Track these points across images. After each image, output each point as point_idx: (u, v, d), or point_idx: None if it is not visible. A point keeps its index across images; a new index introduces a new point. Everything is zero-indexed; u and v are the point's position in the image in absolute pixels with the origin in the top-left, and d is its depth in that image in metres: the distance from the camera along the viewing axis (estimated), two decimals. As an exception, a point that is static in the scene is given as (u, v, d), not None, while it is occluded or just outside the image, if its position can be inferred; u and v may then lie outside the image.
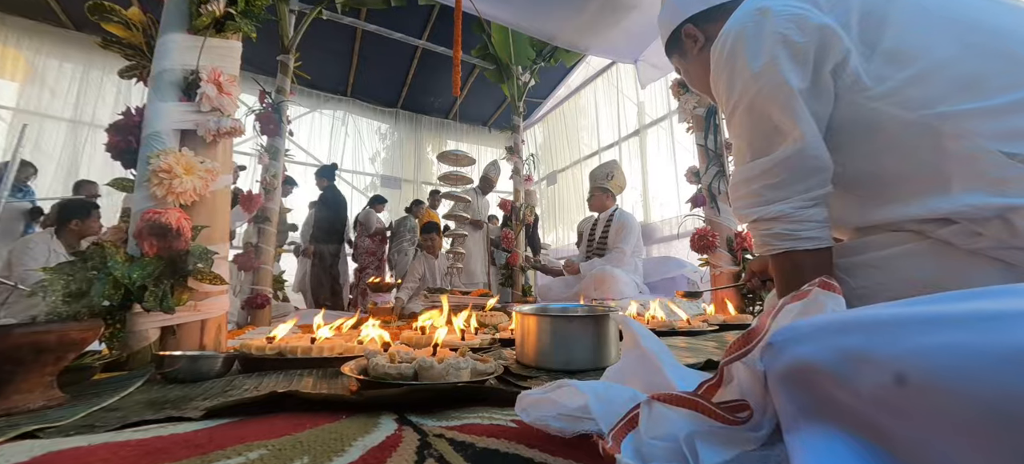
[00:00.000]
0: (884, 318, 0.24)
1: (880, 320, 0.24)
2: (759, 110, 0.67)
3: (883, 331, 0.23)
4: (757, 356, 0.30)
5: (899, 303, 0.26)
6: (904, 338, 0.23)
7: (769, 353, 0.29)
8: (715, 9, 0.88)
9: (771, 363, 0.28)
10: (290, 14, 3.25)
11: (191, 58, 1.02)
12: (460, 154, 3.05)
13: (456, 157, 3.06)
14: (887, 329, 0.23)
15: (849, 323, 0.26)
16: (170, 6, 1.02)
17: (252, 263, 2.78)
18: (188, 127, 1.01)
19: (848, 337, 0.25)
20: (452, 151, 3.06)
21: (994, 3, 0.61)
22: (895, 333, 0.23)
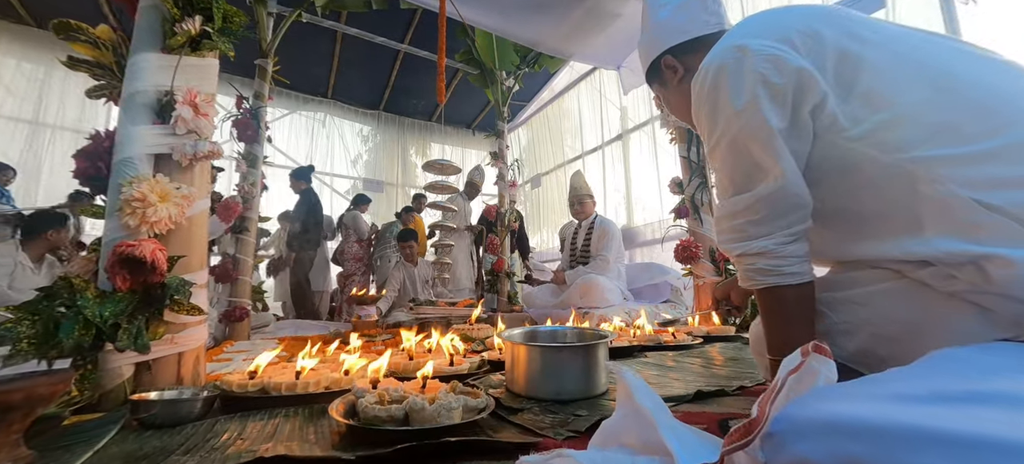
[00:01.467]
0: (886, 427, 0.25)
1: (882, 429, 0.25)
2: (741, 147, 0.69)
3: (884, 444, 0.24)
4: (758, 446, 0.31)
5: (901, 399, 0.26)
6: (903, 457, 0.23)
7: (770, 445, 0.29)
8: (694, 41, 0.90)
9: (772, 456, 0.29)
10: (268, 17, 3.16)
11: (165, 78, 0.98)
12: (445, 163, 3.02)
13: (441, 166, 3.03)
14: (888, 443, 0.24)
15: (851, 425, 0.26)
16: (142, 25, 0.98)
17: (230, 275, 2.70)
18: (162, 151, 0.96)
19: (849, 444, 0.25)
20: (438, 160, 3.03)
21: (965, 52, 0.64)
22: (895, 450, 0.23)
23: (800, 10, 0.73)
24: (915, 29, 0.70)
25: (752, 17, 0.79)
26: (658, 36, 0.93)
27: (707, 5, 0.91)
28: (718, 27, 0.90)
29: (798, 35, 0.67)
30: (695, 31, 0.90)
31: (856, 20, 0.70)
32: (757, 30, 0.71)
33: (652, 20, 0.97)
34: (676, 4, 0.93)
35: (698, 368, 1.14)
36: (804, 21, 0.69)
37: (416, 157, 7.37)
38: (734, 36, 0.73)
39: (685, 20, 0.91)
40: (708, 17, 0.90)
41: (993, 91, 0.57)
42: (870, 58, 0.63)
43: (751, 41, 0.68)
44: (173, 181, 0.96)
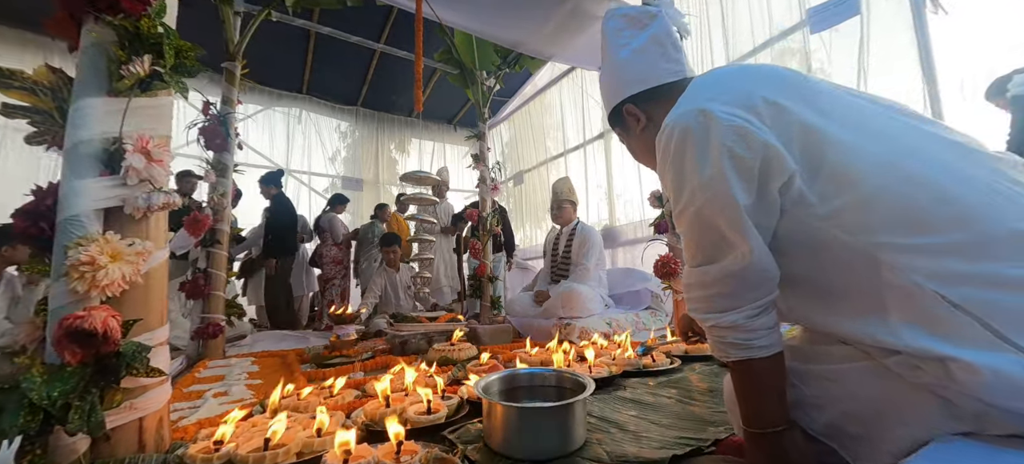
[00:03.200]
0: None
1: None
2: (707, 219, 0.68)
3: None
4: None
5: None
6: None
7: None
8: (655, 90, 0.88)
9: None
10: (235, 16, 3.02)
11: (113, 124, 0.91)
12: (423, 174, 2.97)
13: (420, 178, 2.97)
14: None
15: None
16: (85, 67, 0.90)
17: (202, 290, 2.60)
18: (112, 204, 0.90)
19: None
20: (415, 172, 2.97)
21: (932, 135, 0.64)
22: None
23: (760, 75, 0.72)
24: (871, 100, 0.70)
25: (715, 75, 0.77)
26: (618, 82, 0.92)
27: (667, 52, 0.90)
28: (679, 75, 0.88)
29: (763, 104, 0.66)
30: (655, 79, 0.88)
31: (813, 88, 0.69)
32: (722, 94, 0.69)
33: (612, 60, 0.96)
34: (635, 47, 0.91)
35: (676, 405, 1.15)
36: (767, 89, 0.68)
37: (396, 153, 7.23)
38: (698, 96, 0.72)
39: (645, 67, 0.89)
40: (668, 64, 0.89)
41: (959, 179, 0.57)
42: (834, 135, 0.63)
43: (716, 107, 0.67)
44: (126, 236, 0.91)
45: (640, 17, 0.94)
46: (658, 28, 0.91)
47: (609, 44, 0.97)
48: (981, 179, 0.57)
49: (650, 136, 0.88)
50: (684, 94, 0.76)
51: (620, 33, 0.94)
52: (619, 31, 0.95)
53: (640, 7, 0.97)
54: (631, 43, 0.91)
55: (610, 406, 1.15)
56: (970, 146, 0.62)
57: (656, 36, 0.90)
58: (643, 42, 0.90)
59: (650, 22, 0.92)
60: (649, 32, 0.91)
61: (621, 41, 0.93)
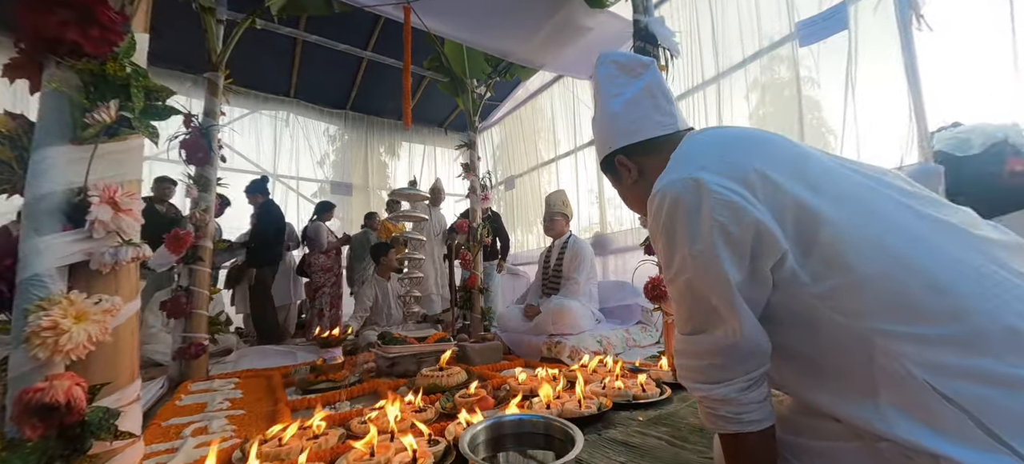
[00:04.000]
0: None
1: None
2: (697, 291, 0.67)
3: None
4: None
5: None
6: None
7: None
8: (647, 143, 0.87)
9: None
10: (218, 24, 2.93)
11: (77, 174, 0.87)
12: (413, 192, 2.92)
13: (409, 195, 2.93)
14: None
15: None
16: (46, 115, 0.85)
17: (184, 309, 2.54)
18: (77, 260, 0.86)
19: None
20: (404, 189, 2.93)
21: (925, 216, 0.62)
22: None
23: (754, 143, 0.71)
24: (863, 173, 0.68)
25: (708, 139, 0.76)
26: (611, 132, 0.91)
27: (659, 104, 0.88)
28: (672, 128, 0.87)
29: (757, 178, 0.64)
30: (647, 133, 0.87)
31: (806, 160, 0.68)
32: (714, 162, 0.67)
33: (604, 109, 0.94)
34: (628, 98, 0.90)
35: (667, 448, 1.14)
36: (761, 160, 0.66)
37: (386, 157, 7.16)
38: (690, 162, 0.70)
39: (637, 118, 0.88)
40: (661, 117, 0.88)
41: (951, 265, 0.56)
42: (828, 214, 0.61)
43: (708, 177, 0.65)
44: (93, 292, 0.86)
45: (633, 65, 0.92)
46: (651, 79, 0.89)
47: (602, 91, 0.95)
48: (973, 265, 0.56)
49: (642, 188, 0.88)
50: (676, 156, 0.75)
51: (613, 81, 0.93)
52: (612, 79, 0.93)
53: (634, 55, 0.95)
54: (624, 92, 0.90)
55: (600, 451, 1.13)
56: (962, 225, 0.61)
57: (649, 87, 0.88)
58: (636, 92, 0.89)
59: (643, 71, 0.91)
60: (642, 82, 0.89)
61: (614, 90, 0.92)
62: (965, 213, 0.64)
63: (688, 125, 0.90)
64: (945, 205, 0.65)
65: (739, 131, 0.75)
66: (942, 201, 0.66)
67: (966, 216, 0.64)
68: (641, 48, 2.26)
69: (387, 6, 2.81)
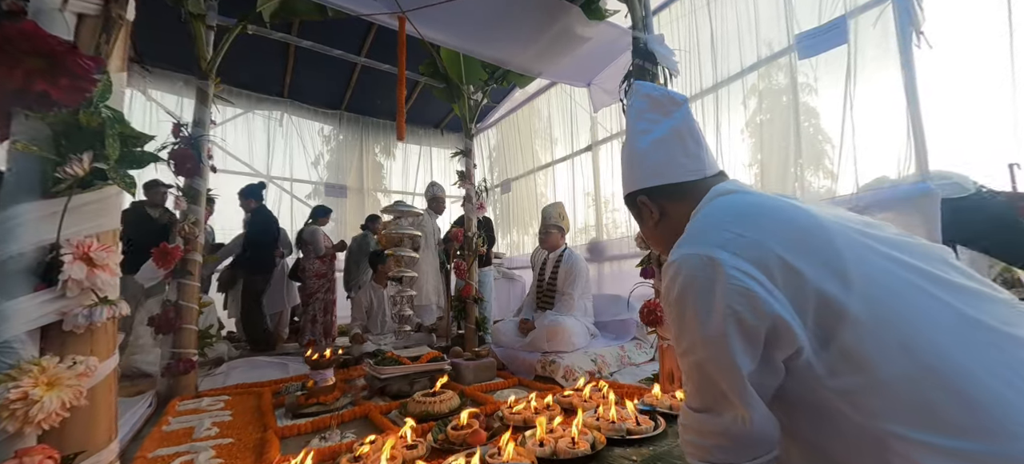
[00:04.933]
0: None
1: None
2: (707, 374, 0.65)
3: None
4: None
5: None
6: None
7: None
8: (672, 187, 0.85)
9: None
10: (208, 31, 2.86)
11: (49, 229, 0.82)
12: (405, 209, 2.89)
13: (401, 212, 2.89)
14: None
15: None
16: (14, 169, 0.81)
17: (172, 324, 2.49)
18: (50, 321, 0.82)
19: None
20: (395, 206, 2.89)
21: (968, 319, 0.57)
22: None
23: (778, 221, 0.66)
24: (901, 255, 0.63)
25: (729, 209, 0.72)
26: (636, 171, 0.90)
27: (687, 148, 0.85)
28: (698, 174, 0.84)
29: (778, 265, 0.61)
30: (673, 177, 0.85)
31: (835, 243, 0.62)
32: (733, 241, 0.64)
33: (631, 145, 0.92)
34: (656, 138, 0.87)
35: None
36: (784, 244, 0.62)
37: (381, 157, 7.09)
38: (708, 236, 0.67)
39: (663, 160, 0.86)
40: (687, 161, 0.85)
41: (983, 386, 0.52)
42: (854, 312, 0.58)
43: (725, 258, 0.62)
44: (67, 353, 0.83)
45: (665, 102, 0.89)
46: (681, 121, 0.87)
47: (631, 124, 0.94)
48: (1002, 373, 0.53)
49: (663, 231, 0.87)
50: (696, 223, 0.73)
51: (642, 115, 0.91)
52: (641, 113, 0.91)
53: (667, 91, 0.92)
54: (652, 131, 0.88)
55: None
56: (999, 325, 0.57)
57: (678, 129, 0.86)
58: (664, 133, 0.86)
59: (674, 110, 0.88)
60: (672, 123, 0.87)
61: (642, 125, 0.90)
62: (1004, 306, 0.60)
63: (717, 169, 0.87)
64: (983, 297, 0.60)
65: (764, 202, 0.70)
66: (980, 289, 0.61)
67: (1005, 311, 0.59)
68: (640, 66, 2.23)
69: (382, 15, 2.75)
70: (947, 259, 0.67)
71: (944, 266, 0.64)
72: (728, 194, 0.76)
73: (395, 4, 2.61)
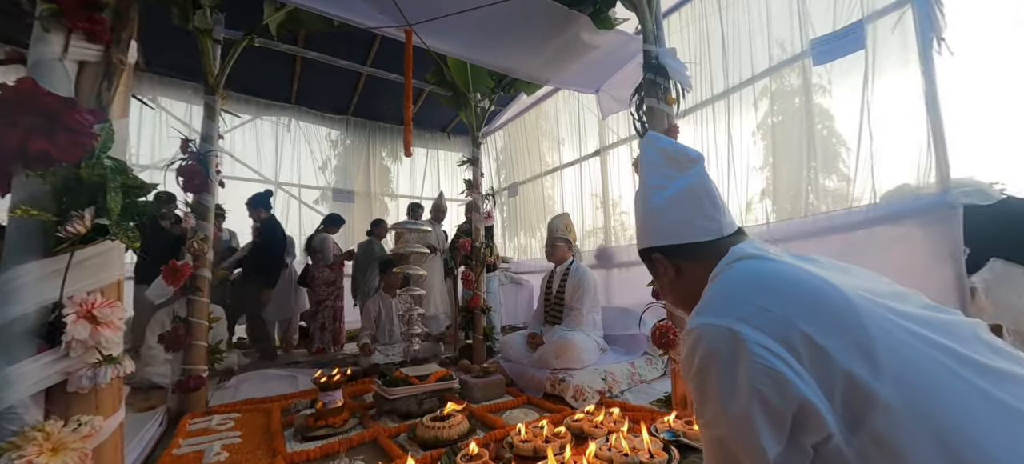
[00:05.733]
0: None
1: None
2: (730, 451, 0.62)
3: None
4: None
5: None
6: None
7: None
8: (684, 247, 0.82)
9: None
10: (215, 45, 2.86)
11: (52, 287, 0.81)
12: (415, 227, 2.87)
13: (408, 229, 2.87)
14: None
15: None
16: (14, 230, 0.80)
17: (182, 341, 2.50)
18: (54, 382, 0.81)
19: None
20: (406, 224, 2.86)
21: (1008, 409, 0.54)
22: None
23: (803, 294, 0.62)
24: (934, 335, 0.59)
25: (751, 276, 0.68)
26: (650, 228, 0.87)
27: (704, 208, 0.82)
28: (716, 235, 0.81)
29: (803, 342, 0.57)
30: (689, 237, 0.81)
31: (864, 321, 0.58)
32: (756, 314, 0.60)
33: (645, 200, 0.88)
34: (670, 195, 0.84)
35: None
36: (809, 320, 0.58)
37: (388, 160, 7.09)
38: (730, 306, 0.64)
39: (679, 219, 0.83)
40: (704, 222, 0.81)
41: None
42: (884, 396, 0.54)
43: (748, 333, 0.59)
44: (71, 414, 0.81)
45: (680, 158, 0.86)
46: (696, 179, 0.83)
47: (645, 175, 0.91)
48: None
49: (680, 289, 0.85)
50: (715, 289, 0.70)
51: (658, 169, 0.88)
52: (656, 166, 0.88)
53: (682, 146, 0.88)
54: (667, 187, 0.84)
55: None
56: None
57: (693, 189, 0.82)
58: (679, 191, 0.83)
59: (690, 167, 0.85)
60: (687, 181, 0.83)
61: (656, 181, 0.87)
62: None
63: (734, 227, 0.83)
64: (1021, 381, 0.57)
65: (786, 272, 0.67)
66: (1017, 371, 0.58)
67: None
68: (651, 80, 2.17)
69: (388, 28, 2.72)
70: (980, 335, 0.63)
71: (978, 345, 0.61)
72: (748, 259, 0.72)
73: (401, 18, 2.58)
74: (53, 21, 0.84)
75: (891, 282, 0.74)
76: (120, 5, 0.94)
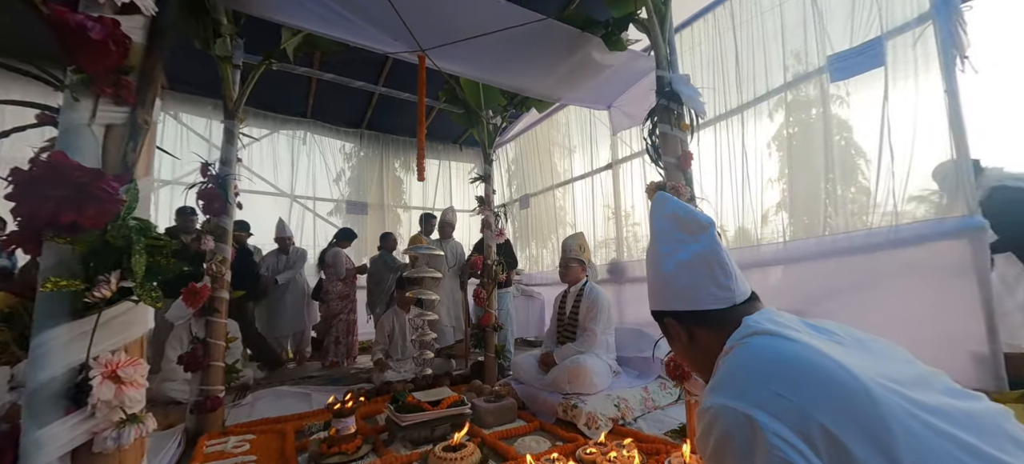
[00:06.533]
0: None
1: None
2: None
3: None
4: None
5: None
6: None
7: None
8: (697, 313, 0.81)
9: None
10: (234, 70, 2.92)
11: (79, 350, 0.84)
12: (428, 252, 2.89)
13: (418, 254, 2.90)
14: None
15: None
16: (43, 301, 0.82)
17: (200, 362, 2.55)
18: (80, 442, 0.83)
19: None
20: (420, 249, 2.88)
21: None
22: None
23: (818, 383, 0.61)
24: (959, 429, 0.57)
25: (766, 359, 0.67)
26: (661, 292, 0.87)
27: (715, 276, 0.81)
28: (728, 303, 0.80)
29: (821, 435, 0.56)
30: (701, 304, 0.81)
31: (882, 414, 0.57)
32: (771, 400, 0.60)
33: (656, 263, 0.88)
34: (681, 260, 0.84)
35: None
36: (827, 411, 0.57)
37: (401, 172, 7.15)
38: (744, 387, 0.64)
39: (690, 285, 0.82)
40: (716, 290, 0.81)
41: None
42: None
43: (764, 420, 0.58)
44: (96, 471, 0.83)
45: (691, 223, 0.86)
46: (707, 246, 0.83)
47: (656, 237, 0.90)
48: None
49: (694, 353, 0.85)
50: (729, 367, 0.69)
51: (668, 232, 0.88)
52: (667, 231, 0.88)
53: (693, 211, 0.88)
54: (678, 251, 0.84)
55: None
56: None
57: (704, 256, 0.82)
58: (690, 257, 0.83)
59: (700, 233, 0.84)
60: (697, 248, 0.83)
61: (668, 245, 0.87)
62: None
63: (747, 293, 0.82)
64: None
65: (804, 356, 0.65)
66: None
67: None
68: (665, 105, 2.16)
69: (402, 53, 2.76)
70: (1005, 426, 0.61)
71: (1003, 440, 0.59)
72: (764, 335, 0.71)
73: (415, 43, 2.61)
74: (83, 89, 0.87)
75: (912, 360, 0.72)
76: (146, 66, 0.97)
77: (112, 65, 0.87)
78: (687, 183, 2.08)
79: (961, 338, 2.48)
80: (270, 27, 2.97)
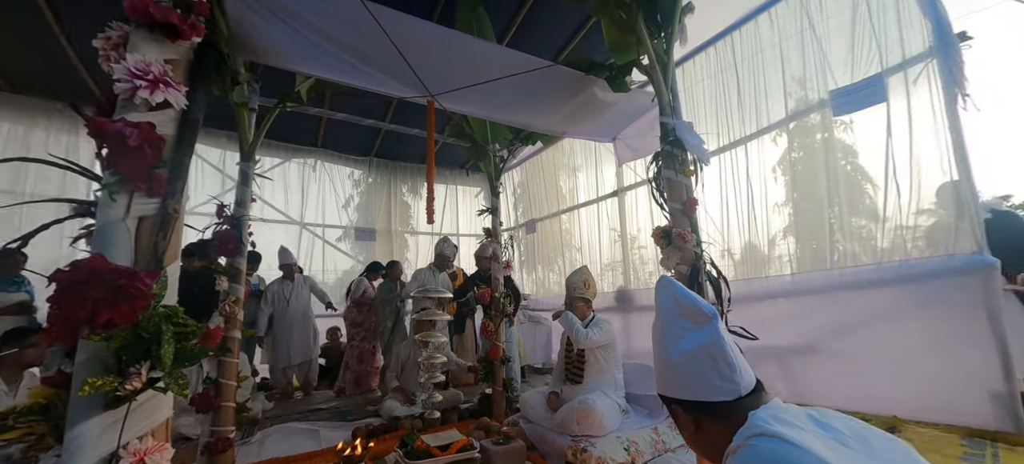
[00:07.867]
0: None
1: None
2: None
3: None
4: None
5: None
6: None
7: None
8: (702, 404, 0.83)
9: None
10: (250, 113, 3.02)
11: (110, 440, 0.87)
12: (435, 293, 2.93)
13: (426, 296, 2.94)
14: None
15: None
16: (77, 396, 0.87)
17: (212, 403, 2.58)
18: (108, 528, 0.86)
19: None
20: (425, 291, 2.92)
21: None
22: None
23: None
24: None
25: (768, 459, 0.69)
26: (667, 379, 0.88)
27: (719, 368, 0.83)
28: (733, 396, 0.81)
29: None
30: (706, 395, 0.83)
31: None
32: None
33: (662, 348, 0.90)
34: (686, 349, 0.86)
35: None
36: None
37: (408, 197, 7.25)
38: None
39: (695, 375, 0.84)
40: (720, 383, 0.82)
41: None
42: None
43: None
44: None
45: (694, 312, 0.88)
46: (710, 337, 0.85)
47: (660, 319, 0.93)
48: None
49: (701, 441, 0.86)
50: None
51: (672, 318, 0.90)
52: (672, 317, 0.90)
53: (696, 300, 0.90)
54: (683, 339, 0.86)
55: None
56: None
57: (708, 347, 0.84)
58: (694, 347, 0.85)
59: (704, 322, 0.86)
60: (702, 339, 0.85)
61: (673, 331, 0.89)
62: None
63: (752, 384, 0.84)
64: None
65: None
66: None
67: None
68: (668, 151, 2.20)
69: (412, 98, 2.84)
70: None
71: None
72: (770, 438, 0.72)
73: (424, 89, 2.69)
74: (119, 187, 0.92)
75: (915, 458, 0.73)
76: (176, 158, 1.03)
77: (147, 165, 0.92)
78: (693, 229, 2.11)
79: (977, 376, 2.45)
80: (284, 71, 3.08)
